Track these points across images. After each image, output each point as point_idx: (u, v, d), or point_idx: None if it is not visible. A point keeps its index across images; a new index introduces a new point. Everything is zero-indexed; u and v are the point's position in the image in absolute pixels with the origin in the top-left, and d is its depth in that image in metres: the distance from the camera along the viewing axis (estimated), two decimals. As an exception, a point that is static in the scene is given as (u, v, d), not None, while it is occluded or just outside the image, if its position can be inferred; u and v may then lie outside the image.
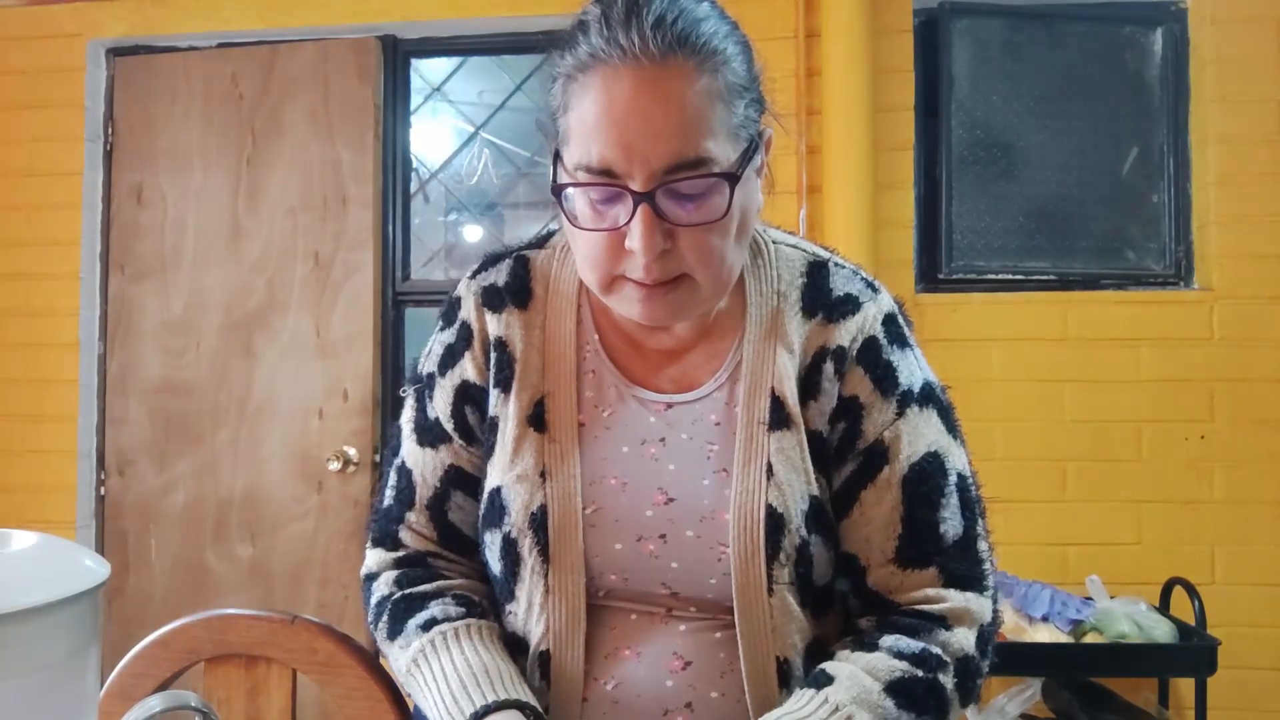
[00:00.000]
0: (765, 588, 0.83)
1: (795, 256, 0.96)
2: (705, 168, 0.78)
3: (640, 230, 0.78)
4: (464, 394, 0.94)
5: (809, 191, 2.64)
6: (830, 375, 0.89)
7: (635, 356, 0.93)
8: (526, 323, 0.94)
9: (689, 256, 0.81)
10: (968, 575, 0.86)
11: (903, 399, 0.88)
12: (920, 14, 2.72)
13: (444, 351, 0.96)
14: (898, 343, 0.91)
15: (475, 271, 0.98)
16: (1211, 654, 2.12)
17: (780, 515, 0.83)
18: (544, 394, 0.91)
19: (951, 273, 2.70)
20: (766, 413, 0.87)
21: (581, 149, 0.79)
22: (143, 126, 2.92)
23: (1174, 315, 2.58)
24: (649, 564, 0.85)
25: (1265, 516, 2.52)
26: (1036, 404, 2.58)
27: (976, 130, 2.73)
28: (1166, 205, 2.69)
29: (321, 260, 2.81)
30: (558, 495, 0.87)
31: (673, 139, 0.77)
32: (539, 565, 0.86)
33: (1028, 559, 2.48)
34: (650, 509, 0.86)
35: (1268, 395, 2.54)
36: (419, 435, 0.96)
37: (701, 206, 0.80)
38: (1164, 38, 2.70)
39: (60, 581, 0.41)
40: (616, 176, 0.78)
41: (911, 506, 0.86)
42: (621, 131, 0.77)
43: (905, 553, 0.86)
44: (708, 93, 0.78)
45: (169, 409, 2.86)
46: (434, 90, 2.99)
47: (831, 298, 0.92)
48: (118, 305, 2.92)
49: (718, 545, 0.84)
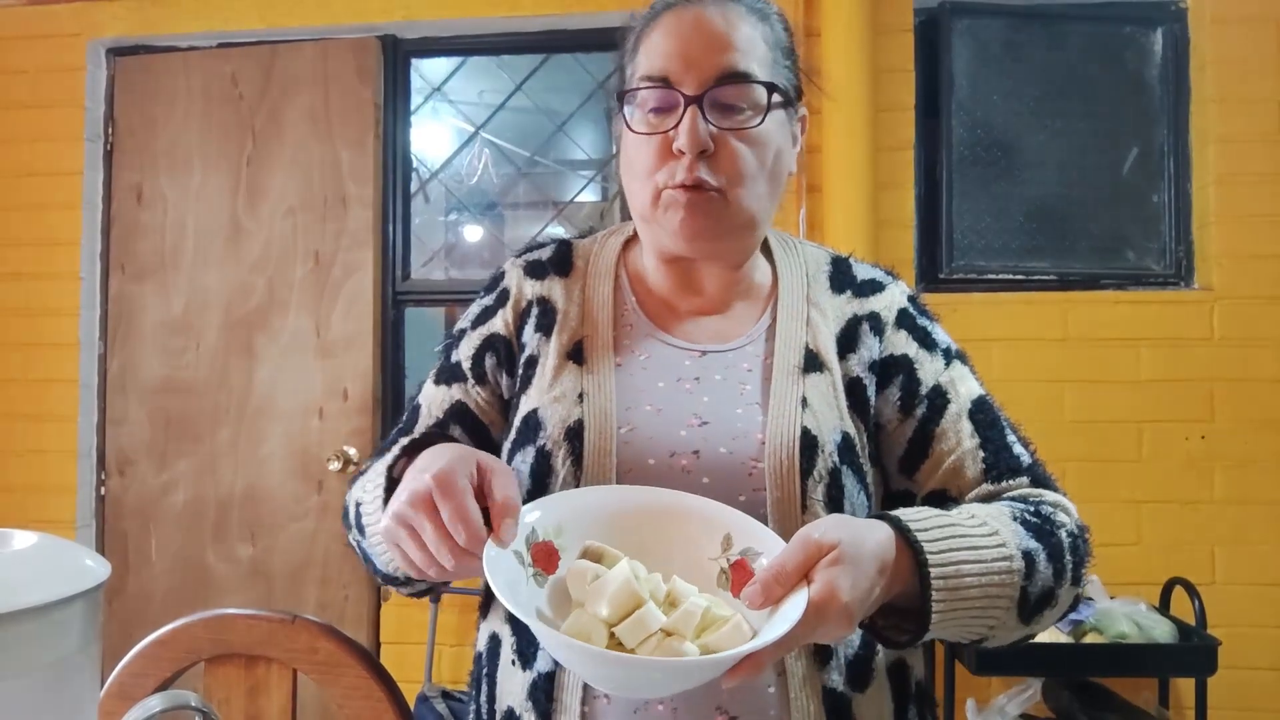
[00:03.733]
0: (799, 503, 0.86)
1: (818, 253, 1.05)
2: (748, 80, 0.90)
3: (687, 126, 0.88)
4: (489, 343, 1.00)
5: (809, 191, 2.64)
6: (868, 333, 0.96)
7: (671, 317, 0.99)
8: (568, 286, 1.01)
9: (725, 167, 0.89)
10: (1052, 485, 0.93)
11: (946, 354, 0.98)
12: (920, 14, 2.72)
13: (480, 311, 1.04)
14: (925, 316, 1.02)
15: (521, 253, 1.07)
16: (1211, 654, 2.12)
17: (814, 436, 0.88)
18: (583, 336, 0.97)
19: (952, 273, 2.70)
20: (801, 359, 0.93)
21: (646, 65, 0.92)
22: (143, 126, 2.92)
23: (1174, 315, 2.58)
24: (680, 479, 0.87)
25: (1265, 516, 2.52)
26: (1036, 404, 2.58)
27: (977, 130, 2.73)
28: (1166, 205, 2.69)
29: (322, 260, 2.81)
30: (594, 412, 0.91)
31: (724, 53, 0.89)
32: (571, 476, 0.88)
33: (1028, 559, 2.48)
34: (684, 429, 0.90)
35: (1268, 395, 2.53)
36: (438, 376, 1.02)
37: (743, 119, 0.90)
38: (1164, 38, 2.70)
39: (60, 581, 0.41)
40: (672, 84, 0.89)
41: (986, 431, 0.94)
42: (682, 45, 0.90)
43: (994, 469, 0.91)
44: (758, 32, 0.92)
45: (169, 409, 2.86)
46: (434, 90, 2.99)
47: (857, 280, 1.01)
48: (118, 305, 2.92)
49: (750, 461, 0.87)
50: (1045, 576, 0.81)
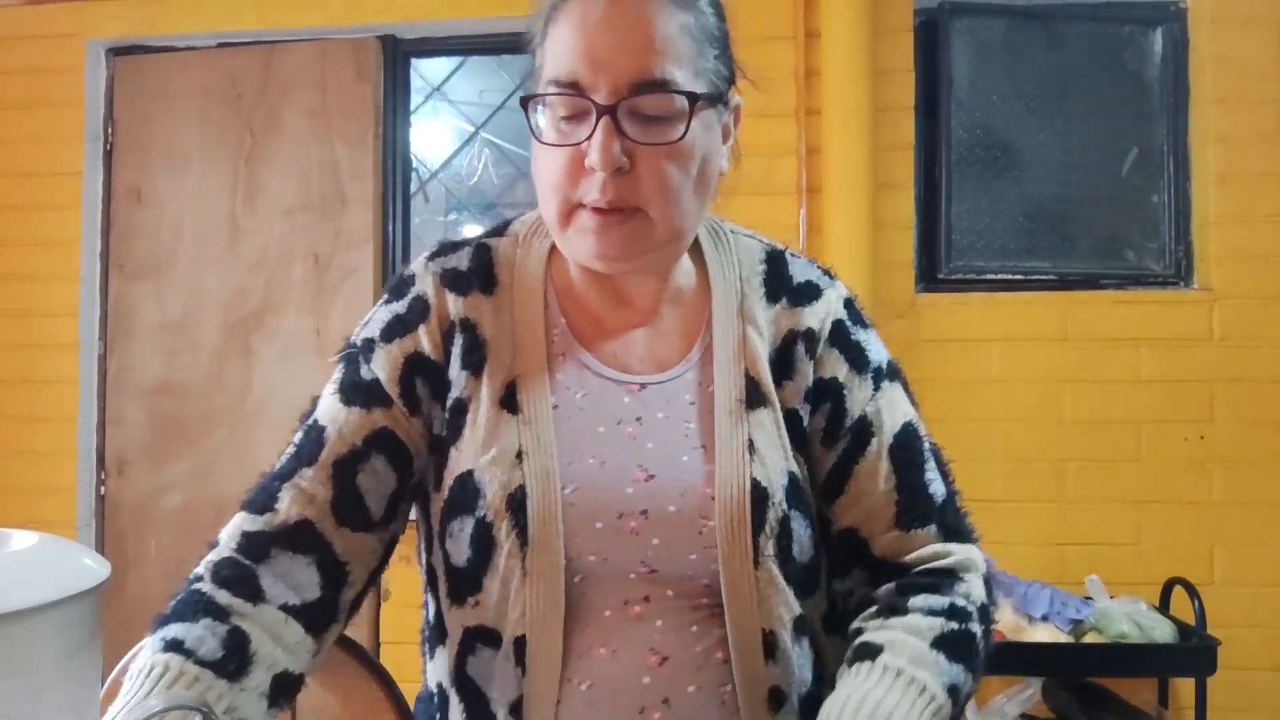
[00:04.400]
0: (752, 559, 0.83)
1: (753, 245, 0.97)
2: (669, 87, 0.80)
3: (599, 141, 0.79)
4: (416, 364, 0.90)
5: (809, 192, 2.63)
6: (802, 356, 0.91)
7: (603, 337, 0.92)
8: (494, 307, 0.91)
9: (645, 184, 0.81)
10: (961, 529, 0.91)
11: (876, 375, 0.93)
12: (920, 14, 2.72)
13: (392, 319, 0.91)
14: (860, 324, 0.96)
15: (432, 255, 0.95)
16: (1211, 654, 2.12)
17: (764, 489, 0.84)
18: (516, 376, 0.89)
19: (951, 273, 2.70)
20: (743, 390, 0.88)
21: (553, 66, 0.82)
22: (142, 126, 2.92)
23: (1174, 315, 2.58)
24: (629, 541, 0.84)
25: (1265, 516, 2.52)
26: (1036, 404, 2.58)
27: (976, 130, 2.73)
28: (1166, 205, 2.69)
29: (320, 260, 2.81)
30: (536, 474, 0.84)
31: (640, 56, 0.79)
32: (516, 548, 0.83)
33: (1028, 559, 2.48)
34: (631, 486, 0.85)
35: (1268, 395, 2.53)
36: (345, 395, 0.90)
37: (664, 131, 0.81)
38: (1164, 38, 2.70)
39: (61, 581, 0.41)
40: (582, 90, 0.80)
41: (903, 473, 0.90)
42: (591, 46, 0.80)
43: (906, 516, 0.89)
44: (679, 25, 0.81)
45: (168, 409, 2.86)
46: (434, 90, 2.99)
47: (793, 284, 0.94)
48: (117, 305, 2.92)
49: (700, 519, 0.84)
50: (967, 690, 0.83)
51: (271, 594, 0.82)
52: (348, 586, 0.87)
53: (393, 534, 0.91)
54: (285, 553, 0.84)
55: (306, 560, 0.84)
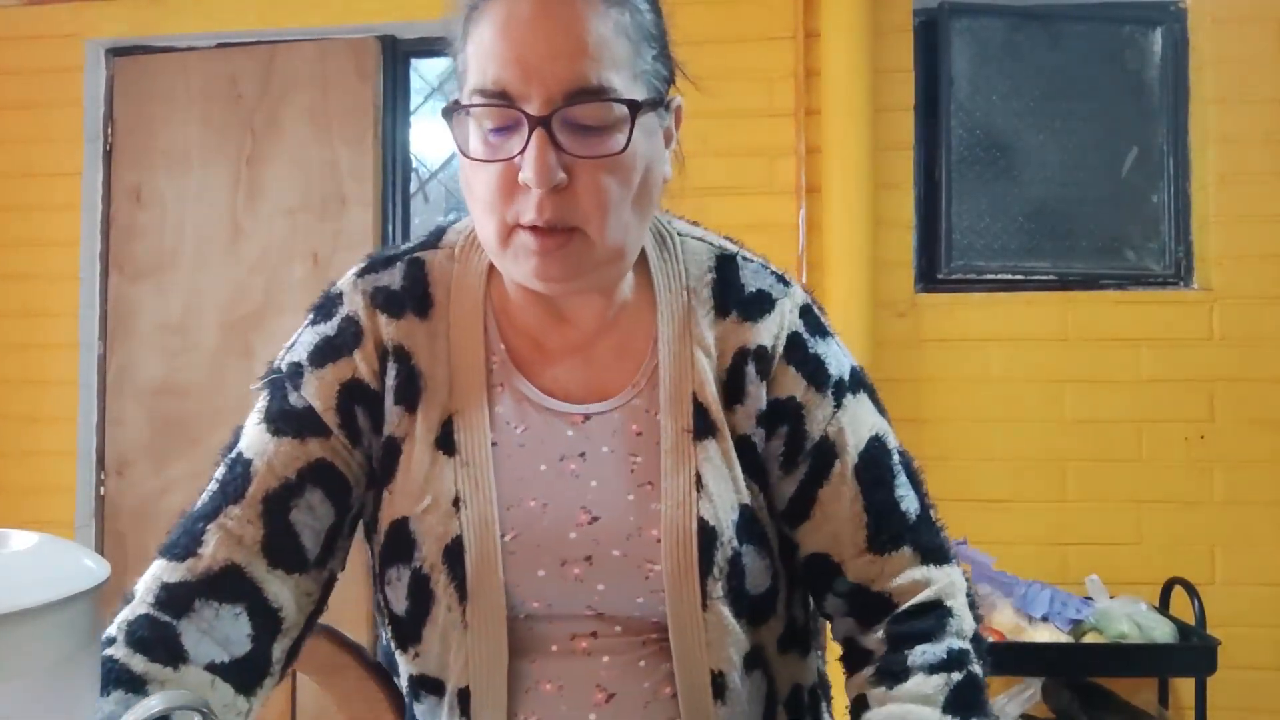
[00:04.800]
0: (699, 603, 0.79)
1: (701, 250, 0.90)
2: (607, 95, 0.73)
3: (534, 156, 0.72)
4: (354, 392, 0.83)
5: (809, 191, 2.63)
6: (753, 377, 0.84)
7: (544, 362, 0.86)
8: (429, 333, 0.85)
9: (584, 201, 0.74)
10: (938, 546, 0.86)
11: (837, 390, 0.86)
12: (920, 14, 2.72)
13: (321, 342, 0.84)
14: (818, 333, 0.88)
15: (362, 271, 0.88)
16: (1211, 654, 2.12)
17: (712, 528, 0.79)
18: (452, 412, 0.83)
19: (951, 273, 2.70)
20: (690, 419, 0.82)
21: (478, 73, 0.75)
22: (142, 126, 2.92)
23: (1174, 315, 2.58)
24: (573, 588, 0.80)
25: (1265, 516, 2.52)
26: (1036, 404, 2.58)
27: (976, 130, 2.73)
28: (1166, 205, 2.69)
29: (320, 260, 2.81)
30: (474, 523, 0.80)
31: (573, 61, 0.72)
32: (455, 602, 0.79)
33: (1028, 559, 2.48)
34: (574, 530, 0.81)
35: (1268, 395, 2.53)
36: (273, 424, 0.83)
37: (602, 142, 0.74)
38: (1164, 38, 2.70)
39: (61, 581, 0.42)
40: (512, 100, 0.73)
41: (871, 493, 0.84)
42: (519, 50, 0.72)
43: (878, 539, 0.84)
44: (614, 25, 0.74)
45: (167, 410, 2.86)
46: (434, 90, 2.99)
47: (744, 294, 0.87)
48: (117, 305, 2.92)
49: (645, 564, 0.80)
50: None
51: (195, 653, 0.73)
52: (282, 635, 0.79)
53: (330, 573, 0.84)
54: (210, 603, 0.75)
55: (235, 610, 0.76)
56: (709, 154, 2.61)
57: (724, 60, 2.65)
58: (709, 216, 0.94)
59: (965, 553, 2.33)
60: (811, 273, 2.62)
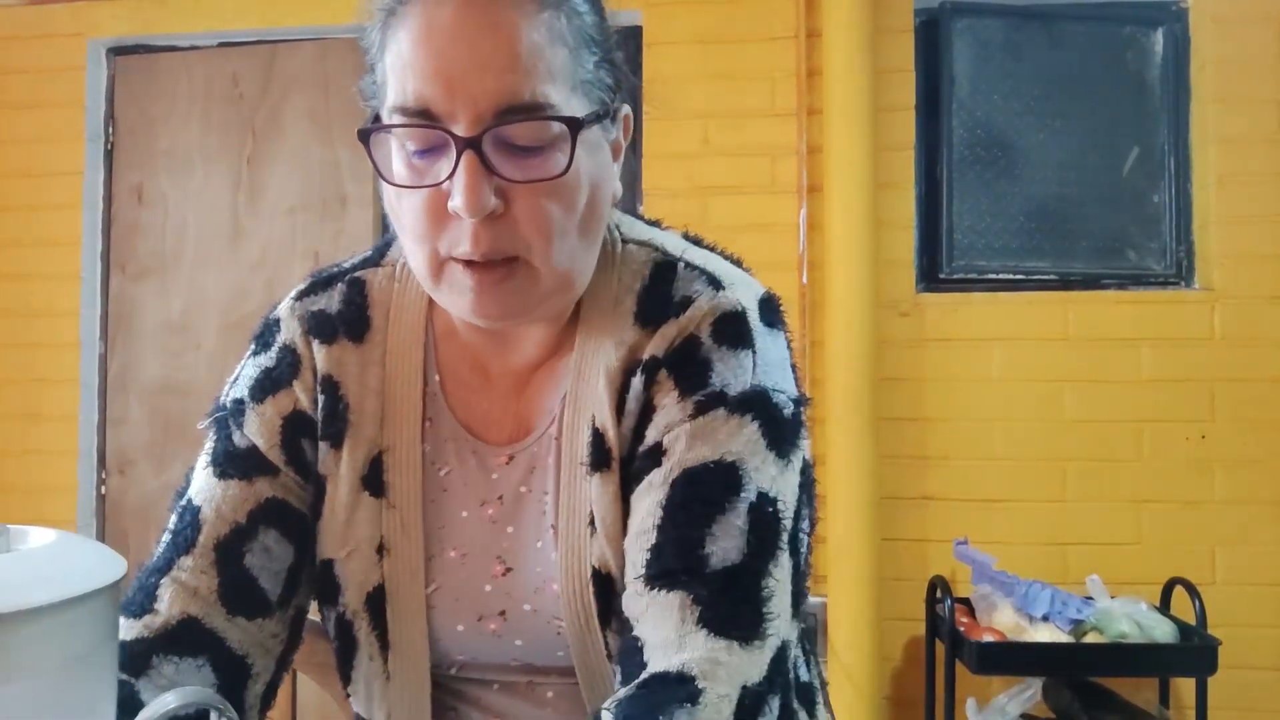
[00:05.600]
0: (604, 654, 0.73)
1: (641, 257, 0.79)
2: (543, 111, 0.65)
3: (464, 182, 0.64)
4: (297, 425, 0.79)
5: (809, 191, 2.63)
6: (638, 391, 0.74)
7: (480, 391, 0.80)
8: (362, 359, 0.79)
9: (524, 228, 0.67)
10: (729, 616, 0.66)
11: (707, 401, 0.72)
12: (920, 14, 2.72)
13: (261, 375, 0.81)
14: (730, 343, 0.74)
15: (301, 293, 0.84)
16: (1212, 654, 2.12)
17: (607, 576, 0.73)
18: (382, 449, 0.78)
19: (952, 272, 2.70)
20: (586, 451, 0.74)
21: (397, 89, 0.66)
22: (143, 126, 2.92)
23: (1174, 315, 2.58)
24: (493, 643, 0.77)
25: (1265, 516, 2.52)
26: (1036, 404, 2.58)
27: (977, 130, 2.73)
28: (1167, 205, 2.69)
29: (321, 260, 2.81)
30: (397, 573, 0.76)
31: (504, 74, 0.64)
32: (377, 651, 0.76)
33: (1028, 559, 2.48)
34: (489, 583, 0.77)
35: (1268, 395, 2.53)
36: (219, 467, 0.78)
37: (541, 163, 0.66)
38: (1164, 38, 2.70)
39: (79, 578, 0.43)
40: (436, 119, 0.65)
41: (671, 514, 0.69)
42: (442, 63, 0.64)
43: (651, 568, 0.69)
44: (549, 30, 0.66)
45: (169, 409, 2.86)
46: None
47: (669, 303, 0.76)
48: (118, 305, 2.92)
49: (553, 620, 0.75)
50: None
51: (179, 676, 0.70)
52: (252, 680, 0.75)
53: (297, 609, 0.80)
54: (170, 659, 0.70)
55: (197, 663, 0.71)
56: (711, 154, 2.61)
57: (726, 60, 2.65)
58: (711, 216, 0.93)
59: (965, 553, 2.34)
60: (813, 272, 2.62)
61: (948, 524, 2.53)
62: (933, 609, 2.41)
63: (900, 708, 2.56)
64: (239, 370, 0.84)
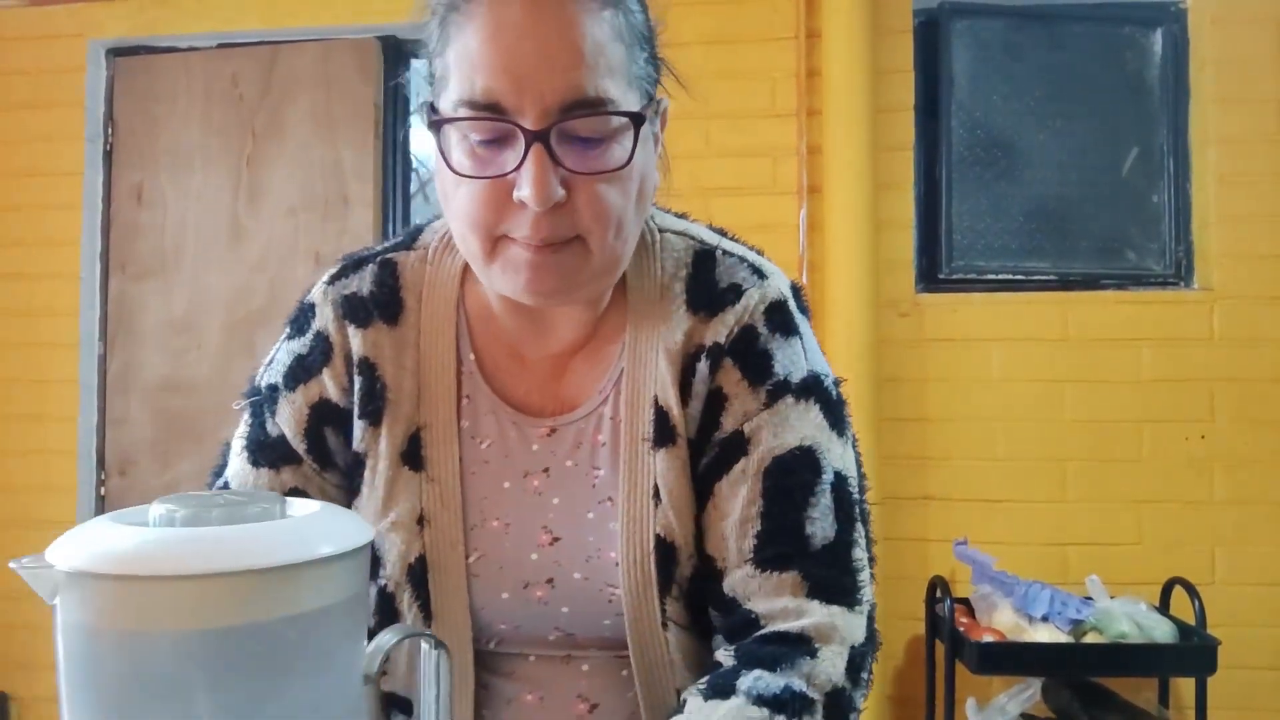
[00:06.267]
0: (660, 623, 0.76)
1: (680, 245, 0.85)
2: (607, 105, 0.68)
3: (533, 175, 0.67)
4: (322, 413, 0.82)
5: (809, 191, 2.64)
6: (704, 375, 0.79)
7: (516, 373, 0.83)
8: (397, 341, 0.82)
9: (584, 215, 0.70)
10: (835, 586, 0.75)
11: (775, 390, 0.78)
12: (920, 14, 2.73)
13: (293, 362, 0.84)
14: (782, 331, 0.81)
15: (333, 277, 0.85)
16: (1211, 654, 2.12)
17: (670, 544, 0.76)
18: (419, 426, 0.80)
19: (952, 273, 2.70)
20: (650, 428, 0.78)
21: (464, 82, 0.68)
22: (143, 126, 2.92)
23: (1174, 315, 2.58)
24: (538, 611, 0.78)
25: (1265, 516, 2.53)
26: (1036, 404, 2.59)
27: (976, 130, 2.73)
28: (1167, 205, 2.69)
29: (322, 260, 2.81)
30: (438, 544, 0.78)
31: (571, 71, 0.67)
32: (420, 622, 0.78)
33: (1028, 559, 2.48)
34: (535, 551, 0.78)
35: (1268, 395, 2.54)
36: (252, 454, 0.83)
37: (602, 155, 0.70)
38: (1164, 38, 2.70)
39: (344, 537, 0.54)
40: (504, 112, 0.67)
41: (772, 502, 0.76)
42: (511, 59, 0.67)
43: (763, 552, 0.75)
44: (610, 27, 0.69)
45: (171, 409, 2.86)
46: (434, 90, 2.99)
47: (716, 290, 0.81)
48: (118, 305, 2.92)
49: (607, 587, 0.77)
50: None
51: None
52: None
53: None
54: None
55: None
56: (712, 155, 2.62)
57: (726, 61, 2.65)
58: (712, 217, 0.94)
59: (965, 553, 2.34)
60: (813, 273, 2.62)
61: (948, 524, 2.53)
62: (933, 609, 2.41)
63: (900, 707, 2.57)
64: (274, 353, 0.87)
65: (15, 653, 2.84)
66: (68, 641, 0.51)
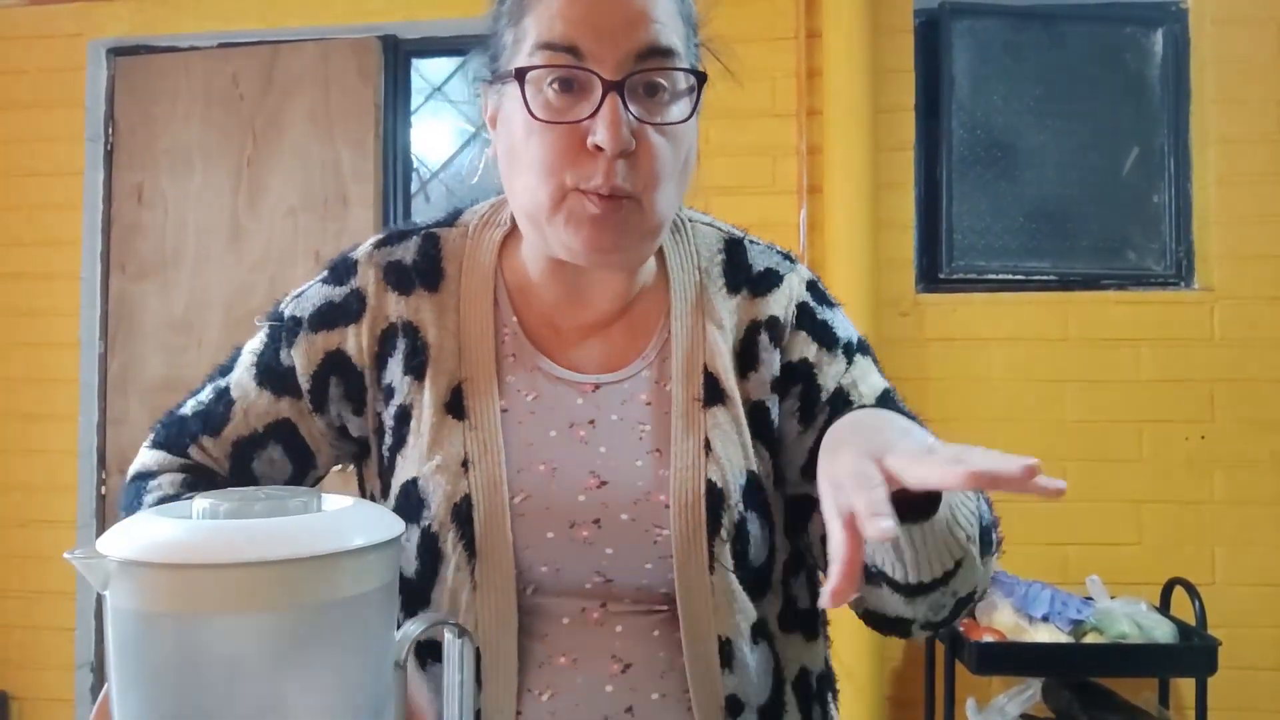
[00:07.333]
0: (707, 565, 0.79)
1: (711, 234, 0.94)
2: (675, 61, 0.76)
3: (608, 119, 0.72)
4: (335, 362, 0.87)
5: (809, 191, 2.64)
6: (767, 345, 0.87)
7: (556, 338, 0.88)
8: (438, 305, 0.87)
9: (644, 168, 0.76)
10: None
11: (847, 350, 0.89)
12: (920, 14, 2.72)
13: (323, 304, 0.88)
14: (825, 303, 0.92)
15: (379, 242, 0.91)
16: (1211, 654, 2.12)
17: (720, 490, 0.80)
18: (462, 379, 0.84)
19: (952, 273, 2.70)
20: (701, 389, 0.84)
21: (544, 29, 0.75)
22: (143, 126, 2.92)
23: (1174, 315, 2.58)
24: (582, 551, 0.80)
25: (1265, 516, 2.53)
26: (1036, 404, 2.58)
27: (977, 130, 2.73)
28: (1167, 205, 2.69)
29: (322, 260, 2.79)
30: (483, 484, 0.81)
31: (647, 25, 0.75)
32: (464, 560, 0.80)
33: (1028, 559, 2.48)
34: (582, 494, 0.81)
35: (1268, 395, 2.54)
36: (260, 374, 0.89)
37: (665, 109, 0.77)
38: (1164, 38, 2.70)
39: (377, 530, 0.57)
40: (583, 58, 0.74)
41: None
42: (591, 12, 0.74)
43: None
44: (674, 4, 0.79)
45: (170, 409, 2.85)
46: (434, 90, 2.99)
47: (753, 273, 0.90)
48: (118, 305, 2.92)
49: (654, 528, 0.80)
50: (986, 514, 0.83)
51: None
52: None
53: None
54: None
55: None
56: (712, 154, 2.61)
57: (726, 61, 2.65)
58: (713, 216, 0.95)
59: (966, 552, 2.33)
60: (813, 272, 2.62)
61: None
62: (932, 609, 2.40)
63: (900, 707, 2.57)
64: (306, 288, 0.91)
65: (15, 653, 2.84)
66: (119, 628, 0.54)
